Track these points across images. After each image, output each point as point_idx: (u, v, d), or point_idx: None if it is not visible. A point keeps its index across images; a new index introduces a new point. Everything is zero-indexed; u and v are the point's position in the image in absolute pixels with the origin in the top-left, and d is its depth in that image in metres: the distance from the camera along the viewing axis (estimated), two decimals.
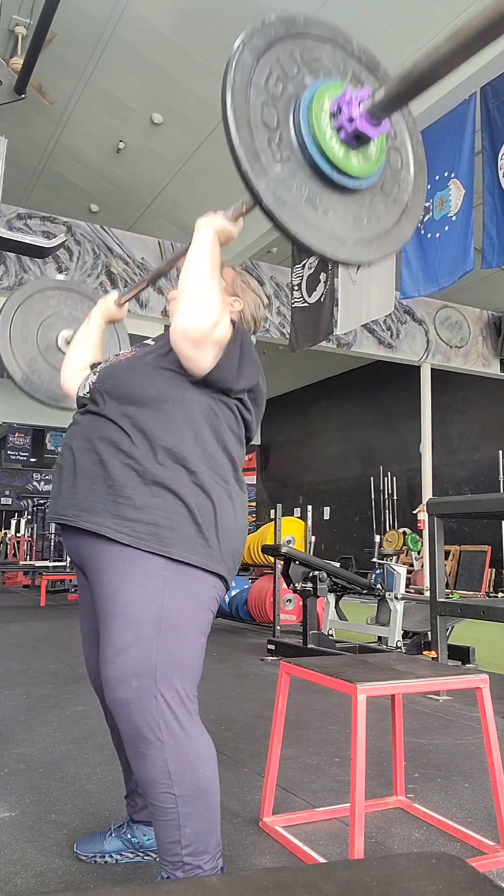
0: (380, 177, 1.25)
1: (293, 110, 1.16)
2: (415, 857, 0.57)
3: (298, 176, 1.14)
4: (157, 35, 5.51)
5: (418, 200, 1.34)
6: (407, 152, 1.34)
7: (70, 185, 7.60)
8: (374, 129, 1.14)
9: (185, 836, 1.27)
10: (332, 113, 1.15)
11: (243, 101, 1.09)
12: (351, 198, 1.22)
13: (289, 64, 1.17)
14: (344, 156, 1.16)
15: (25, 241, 2.68)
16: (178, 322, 1.33)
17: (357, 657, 2.03)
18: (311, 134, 1.14)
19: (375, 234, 1.26)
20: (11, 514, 13.98)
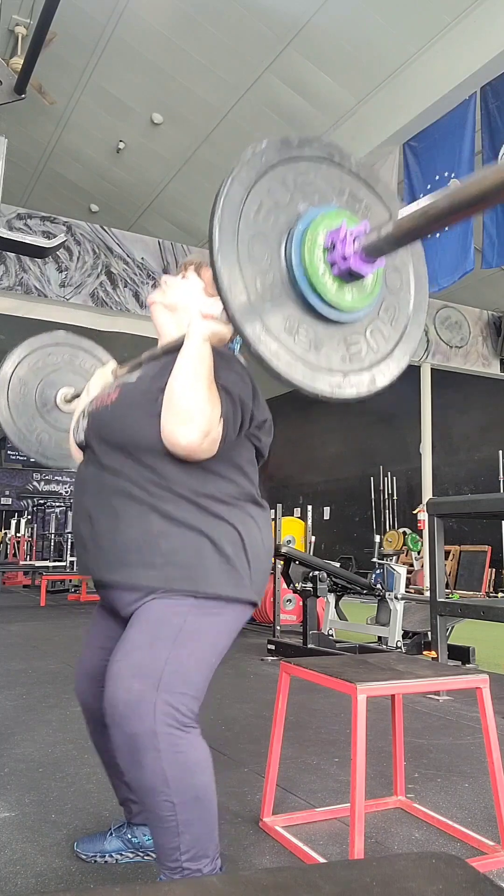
0: (376, 304, 1.20)
1: (285, 244, 1.11)
2: (415, 857, 0.57)
3: (288, 310, 1.10)
4: (157, 35, 5.51)
5: (418, 321, 1.28)
6: (408, 271, 1.28)
7: (70, 185, 7.61)
8: (369, 266, 1.09)
9: (185, 842, 1.26)
10: (326, 247, 1.10)
11: (232, 239, 1.04)
12: (345, 328, 1.17)
13: (280, 192, 1.11)
14: (337, 291, 1.11)
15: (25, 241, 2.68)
16: (165, 431, 1.30)
17: (357, 657, 2.03)
18: (304, 270, 1.09)
19: (371, 362, 1.21)
20: (11, 514, 13.98)
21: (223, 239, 1.04)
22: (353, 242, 1.08)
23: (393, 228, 1.04)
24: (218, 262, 1.03)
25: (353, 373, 1.18)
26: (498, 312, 9.70)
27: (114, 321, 7.53)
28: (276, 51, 5.47)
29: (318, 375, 1.12)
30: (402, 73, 5.49)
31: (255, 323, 1.06)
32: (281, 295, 1.10)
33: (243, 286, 1.05)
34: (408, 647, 4.22)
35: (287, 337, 1.09)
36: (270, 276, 1.09)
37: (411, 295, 1.28)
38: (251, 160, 1.09)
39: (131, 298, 7.47)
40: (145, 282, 7.58)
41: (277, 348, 1.08)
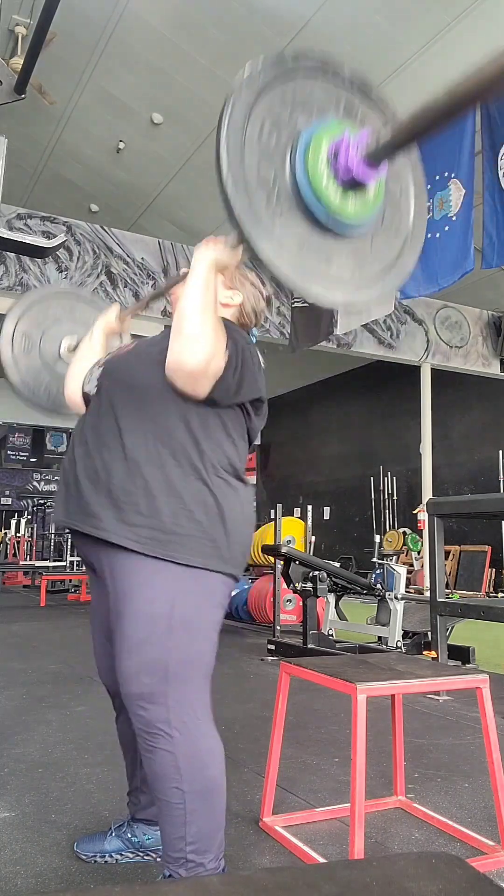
0: (379, 213, 1.23)
1: (289, 157, 1.13)
2: (415, 857, 0.57)
3: (299, 228, 1.13)
4: (157, 35, 5.51)
5: (420, 226, 1.31)
6: (406, 178, 1.30)
7: (70, 185, 7.60)
8: (372, 173, 1.12)
9: (191, 833, 1.29)
10: (328, 158, 1.12)
11: (239, 163, 1.06)
12: (351, 240, 1.20)
13: (281, 109, 1.14)
14: (341, 201, 1.13)
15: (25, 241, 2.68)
16: (171, 357, 1.32)
17: (357, 657, 2.03)
18: (309, 183, 1.12)
19: (378, 270, 1.24)
20: (11, 514, 13.97)
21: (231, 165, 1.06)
22: (356, 150, 1.10)
23: (394, 131, 1.07)
24: (228, 186, 1.05)
25: (362, 283, 1.21)
26: (498, 312, 9.70)
27: None
28: (277, 51, 5.46)
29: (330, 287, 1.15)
30: (403, 73, 5.49)
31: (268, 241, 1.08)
32: (289, 211, 1.12)
33: (253, 208, 1.08)
34: (408, 647, 4.22)
35: (298, 252, 1.12)
36: (278, 194, 1.11)
37: (411, 202, 1.31)
38: (249, 80, 1.11)
39: (131, 298, 7.47)
40: (145, 282, 7.58)
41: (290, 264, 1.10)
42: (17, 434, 15.01)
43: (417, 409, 9.07)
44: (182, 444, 1.37)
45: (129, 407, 1.41)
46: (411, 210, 1.30)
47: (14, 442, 15.04)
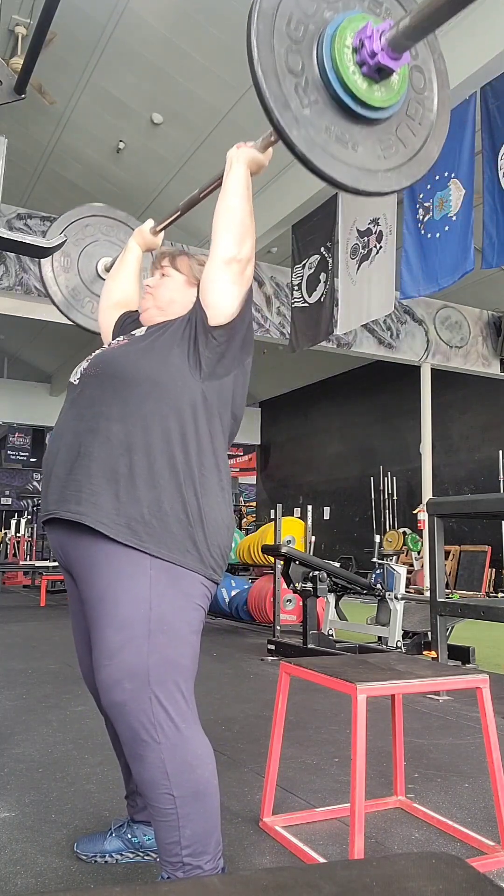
0: (404, 102, 1.27)
1: (316, 49, 1.17)
2: (415, 857, 0.57)
3: (326, 116, 1.17)
4: (157, 35, 5.51)
5: (444, 117, 1.35)
6: (430, 70, 1.34)
7: (70, 185, 7.60)
8: (396, 62, 1.16)
9: (185, 837, 1.27)
10: (355, 47, 1.17)
11: (269, 51, 1.11)
12: (377, 128, 1.24)
13: (307, 2, 1.18)
14: (367, 89, 1.18)
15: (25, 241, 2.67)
16: (221, 253, 1.39)
17: (357, 657, 2.03)
18: (335, 71, 1.16)
19: (405, 159, 1.28)
20: (11, 514, 13.98)
21: (262, 52, 1.10)
22: (380, 38, 1.15)
23: (415, 15, 1.11)
24: (259, 75, 1.10)
25: (389, 170, 1.25)
26: (498, 312, 9.70)
27: None
28: None
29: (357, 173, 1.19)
30: None
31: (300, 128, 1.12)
32: (318, 100, 1.16)
33: (284, 97, 1.12)
34: (408, 647, 4.22)
35: (325, 136, 1.16)
36: (306, 82, 1.15)
37: (435, 92, 1.35)
38: None
39: None
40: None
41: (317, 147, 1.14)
42: (17, 434, 15.01)
43: (417, 409, 9.07)
44: (168, 437, 1.36)
45: (115, 398, 1.39)
46: (435, 101, 1.34)
47: (14, 442, 15.05)
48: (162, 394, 1.38)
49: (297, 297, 7.21)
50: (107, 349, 1.54)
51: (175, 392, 1.39)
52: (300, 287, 7.16)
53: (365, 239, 6.44)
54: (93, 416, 1.39)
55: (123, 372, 1.41)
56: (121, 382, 1.40)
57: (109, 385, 1.41)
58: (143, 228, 1.88)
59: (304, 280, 7.11)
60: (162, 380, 1.39)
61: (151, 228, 1.88)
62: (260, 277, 8.30)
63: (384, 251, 6.26)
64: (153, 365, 1.41)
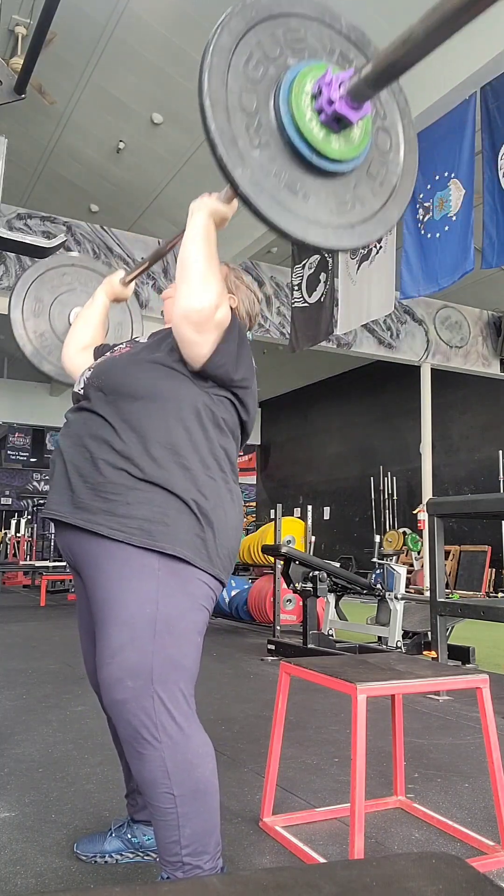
0: (365, 159, 1.22)
1: (274, 94, 1.13)
2: (415, 857, 0.57)
3: (277, 161, 1.12)
4: (157, 35, 5.51)
5: (407, 183, 1.30)
6: (397, 133, 1.30)
7: (70, 185, 7.60)
8: (355, 112, 1.11)
9: (185, 836, 1.27)
10: (314, 94, 1.12)
11: (221, 85, 1.07)
12: (333, 182, 1.19)
13: (270, 45, 1.14)
14: (324, 139, 1.13)
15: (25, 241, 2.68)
16: (179, 305, 1.34)
17: (357, 657, 2.03)
18: (291, 116, 1.11)
19: (360, 219, 1.23)
20: (11, 514, 13.97)
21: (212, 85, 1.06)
22: (339, 87, 1.10)
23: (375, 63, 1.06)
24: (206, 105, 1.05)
25: (341, 227, 1.20)
26: (498, 312, 9.70)
27: None
28: None
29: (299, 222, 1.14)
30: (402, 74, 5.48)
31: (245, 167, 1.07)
32: (269, 142, 1.12)
33: (231, 132, 1.07)
34: (408, 647, 4.22)
35: (274, 180, 1.11)
36: (258, 122, 1.10)
37: (401, 157, 1.30)
38: (241, 10, 1.11)
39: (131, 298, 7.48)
40: (145, 282, 7.58)
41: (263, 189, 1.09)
42: (17, 434, 15.01)
43: (417, 409, 9.07)
44: (172, 443, 1.37)
45: (120, 408, 1.40)
46: (400, 164, 1.30)
47: (14, 442, 15.05)
48: (166, 404, 1.39)
49: (297, 297, 7.21)
50: (109, 358, 1.53)
51: (179, 402, 1.40)
52: (300, 287, 7.16)
53: None
54: (100, 424, 1.40)
55: (126, 385, 1.42)
56: (124, 395, 1.41)
57: (113, 396, 1.42)
58: (112, 279, 1.86)
59: (304, 280, 7.11)
60: (164, 392, 1.40)
61: (121, 279, 1.86)
62: (260, 277, 8.31)
63: (384, 251, 6.26)
64: (155, 378, 1.41)
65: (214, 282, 1.34)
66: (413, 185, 1.32)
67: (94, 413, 1.42)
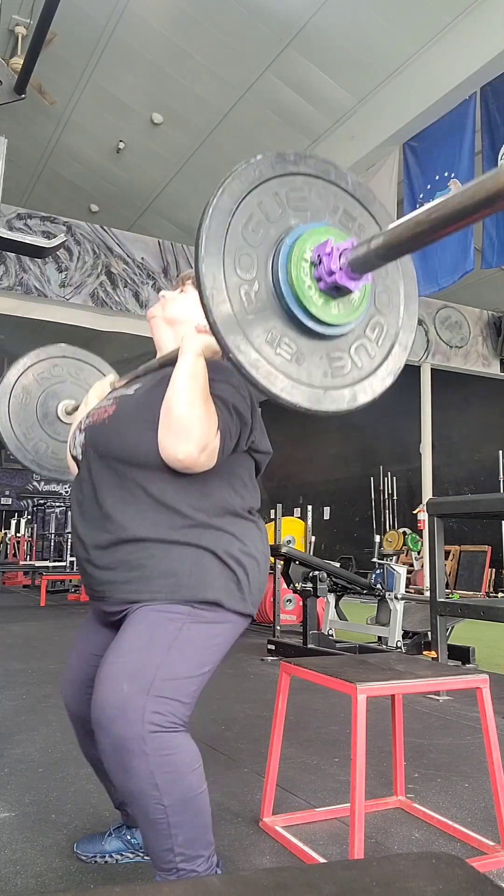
0: (364, 321, 1.20)
1: (272, 257, 1.11)
2: (415, 857, 0.57)
3: (273, 325, 1.10)
4: (157, 35, 5.51)
5: (405, 340, 1.28)
6: (398, 292, 1.27)
7: (70, 185, 7.61)
8: (354, 282, 1.09)
9: (178, 844, 1.25)
10: (313, 262, 1.10)
11: (217, 250, 1.05)
12: (329, 343, 1.16)
13: (272, 207, 1.11)
14: (323, 305, 1.11)
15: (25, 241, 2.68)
16: (162, 449, 1.31)
17: (357, 657, 2.03)
18: (290, 284, 1.09)
19: (355, 378, 1.20)
20: (11, 514, 13.97)
21: (209, 250, 1.04)
22: (340, 258, 1.08)
23: (374, 242, 1.04)
24: (202, 272, 1.03)
25: (334, 388, 1.17)
26: (498, 312, 9.70)
27: (114, 321, 7.54)
28: (276, 51, 5.47)
29: (297, 388, 1.11)
30: (402, 73, 5.49)
31: (236, 332, 1.05)
32: (266, 308, 1.10)
33: (226, 296, 1.05)
34: (408, 647, 4.22)
35: (268, 348, 1.09)
36: (256, 288, 1.09)
37: (400, 316, 1.27)
38: (244, 171, 1.09)
39: (131, 298, 7.47)
40: (145, 282, 7.58)
41: (257, 359, 1.07)
42: None
43: (417, 409, 9.07)
44: (189, 501, 1.36)
45: (129, 479, 1.37)
46: (399, 323, 1.27)
47: None
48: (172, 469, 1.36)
49: None
50: (100, 424, 1.47)
51: None
52: None
53: None
54: (107, 496, 1.38)
55: (127, 454, 1.38)
56: (127, 462, 1.38)
57: (115, 467, 1.39)
58: (104, 383, 1.81)
59: None
60: None
61: (112, 383, 1.81)
62: None
63: None
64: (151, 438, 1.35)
65: (197, 428, 1.28)
66: (410, 345, 1.28)
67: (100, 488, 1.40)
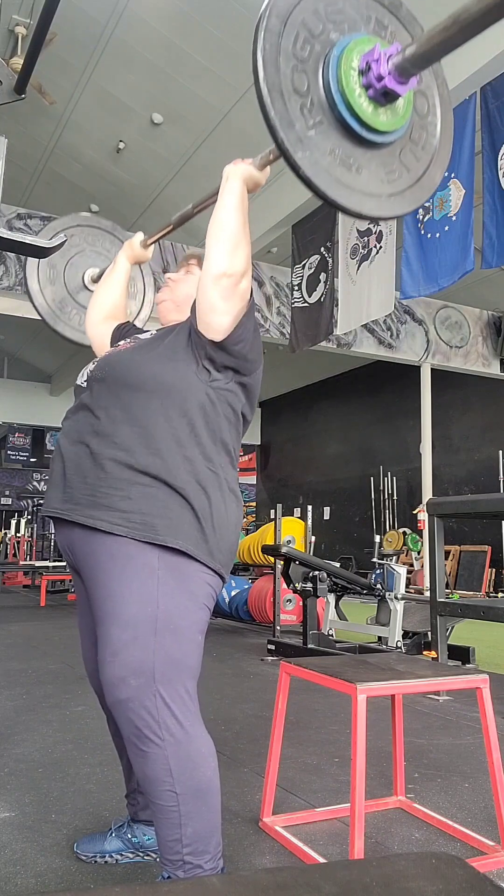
0: (408, 127, 1.26)
1: (322, 70, 1.16)
2: (415, 857, 0.57)
3: (331, 138, 1.16)
4: (157, 35, 5.51)
5: (446, 143, 1.34)
6: (433, 95, 1.33)
7: (70, 185, 7.61)
8: (403, 86, 1.15)
9: (187, 835, 1.28)
10: (361, 70, 1.16)
11: (275, 70, 1.10)
12: (381, 152, 1.23)
13: (314, 22, 1.17)
14: (373, 113, 1.17)
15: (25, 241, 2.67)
16: (210, 268, 1.37)
17: (357, 657, 2.03)
18: (341, 93, 1.15)
19: (408, 185, 1.27)
20: (11, 514, 13.98)
21: (268, 71, 1.09)
22: (388, 62, 1.13)
23: (423, 42, 1.10)
24: (265, 94, 1.08)
25: (393, 195, 1.24)
26: (498, 312, 9.70)
27: None
28: None
29: (361, 198, 1.18)
30: None
31: (304, 149, 1.11)
32: (322, 121, 1.15)
33: (289, 117, 1.11)
34: (408, 647, 4.22)
35: (330, 159, 1.15)
36: (311, 102, 1.14)
37: (438, 118, 1.34)
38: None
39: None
40: None
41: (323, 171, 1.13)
42: (17, 434, 15.01)
43: (417, 409, 9.07)
44: (177, 436, 1.37)
45: (122, 402, 1.40)
46: (438, 126, 1.33)
47: (14, 442, 15.04)
48: (168, 397, 1.39)
49: (297, 297, 7.21)
50: (113, 352, 1.54)
51: (181, 395, 1.40)
52: (300, 287, 7.15)
53: (365, 239, 6.44)
54: (101, 419, 1.40)
55: (129, 376, 1.42)
56: (127, 386, 1.41)
57: (116, 389, 1.42)
58: (133, 242, 1.87)
59: (304, 280, 7.11)
60: (168, 384, 1.40)
61: (141, 241, 1.87)
62: (260, 277, 8.30)
63: (384, 251, 6.26)
64: (159, 369, 1.41)
65: (245, 248, 1.37)
66: (451, 144, 1.35)
67: (96, 409, 1.42)
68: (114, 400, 1.41)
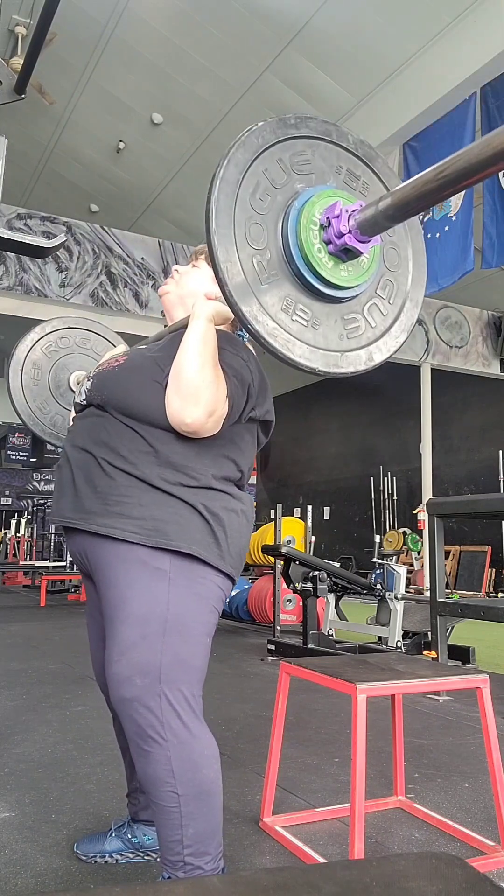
0: (373, 281, 1.20)
1: (281, 222, 1.11)
2: (415, 857, 0.57)
3: (287, 292, 1.11)
4: (157, 35, 5.51)
5: (417, 296, 1.28)
6: (406, 249, 1.27)
7: (70, 185, 7.61)
8: (364, 245, 1.10)
9: (188, 836, 1.28)
10: (322, 225, 1.11)
11: (228, 221, 1.05)
12: (343, 306, 1.17)
13: (277, 173, 1.12)
14: (333, 268, 1.12)
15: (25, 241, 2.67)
16: (170, 412, 1.31)
17: (357, 657, 2.03)
18: (300, 249, 1.10)
19: (370, 340, 1.21)
20: (11, 514, 13.97)
21: (219, 222, 1.05)
22: (349, 220, 1.09)
23: (384, 202, 1.05)
24: (214, 244, 1.04)
25: (351, 350, 1.18)
26: (498, 312, 9.71)
27: (113, 321, 7.53)
28: (276, 51, 5.47)
29: (315, 353, 1.13)
30: (402, 73, 5.49)
31: (252, 303, 1.06)
32: (278, 274, 1.11)
33: (240, 267, 1.06)
34: (408, 647, 4.22)
35: (284, 316, 1.10)
36: (267, 256, 1.10)
37: (409, 271, 1.28)
38: (247, 139, 1.09)
39: (131, 298, 7.47)
40: (145, 282, 7.58)
41: (274, 327, 1.08)
42: (17, 434, 15.02)
43: (417, 409, 9.07)
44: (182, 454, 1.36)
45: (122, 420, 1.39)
46: (409, 279, 1.27)
47: (14, 442, 15.05)
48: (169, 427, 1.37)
49: None
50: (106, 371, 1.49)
51: None
52: None
53: None
54: (106, 432, 1.39)
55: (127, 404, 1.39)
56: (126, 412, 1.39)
57: (116, 411, 1.40)
58: (116, 352, 1.79)
59: None
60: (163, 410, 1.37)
61: (123, 353, 1.84)
62: None
63: None
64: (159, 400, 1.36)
65: (206, 393, 1.28)
66: (421, 300, 1.28)
67: (102, 419, 1.41)
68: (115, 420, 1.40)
